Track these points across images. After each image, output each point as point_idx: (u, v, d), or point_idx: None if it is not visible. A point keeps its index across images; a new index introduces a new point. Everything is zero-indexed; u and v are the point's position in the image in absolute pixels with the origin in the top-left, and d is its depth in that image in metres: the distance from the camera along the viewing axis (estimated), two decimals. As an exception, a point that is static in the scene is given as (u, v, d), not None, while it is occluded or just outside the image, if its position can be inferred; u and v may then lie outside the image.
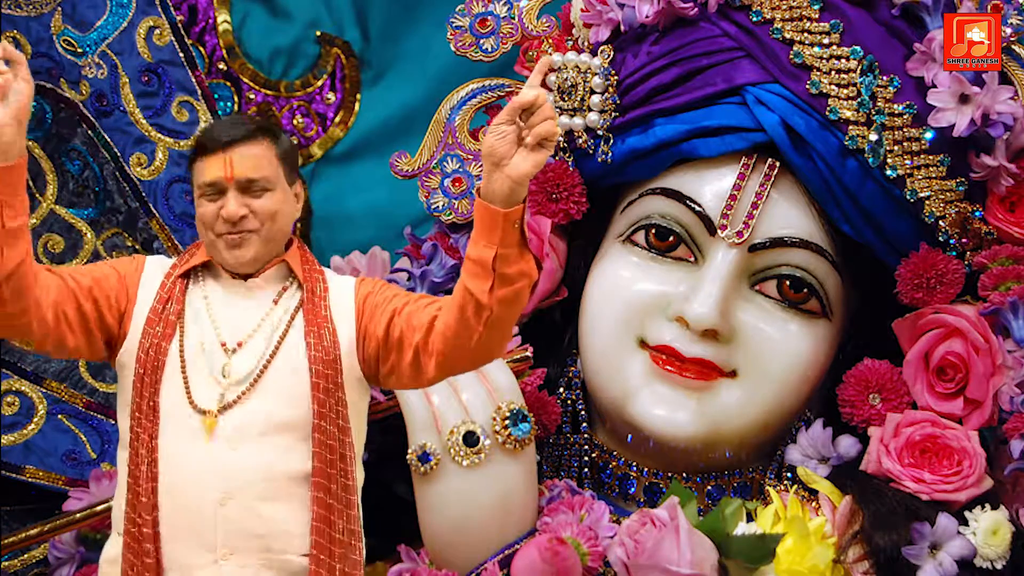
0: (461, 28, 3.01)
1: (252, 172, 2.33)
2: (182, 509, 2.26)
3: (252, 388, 2.29)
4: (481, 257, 2.13)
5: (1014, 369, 2.72)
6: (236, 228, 2.32)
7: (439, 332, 2.23)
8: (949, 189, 2.78)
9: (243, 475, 2.26)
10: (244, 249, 2.33)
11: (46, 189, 3.20)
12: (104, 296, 2.32)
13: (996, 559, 2.68)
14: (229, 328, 2.34)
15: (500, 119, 2.10)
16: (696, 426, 2.80)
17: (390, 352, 2.32)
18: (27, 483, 3.11)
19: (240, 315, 2.35)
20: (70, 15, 3.15)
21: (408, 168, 3.00)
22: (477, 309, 2.16)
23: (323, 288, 2.38)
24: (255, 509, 2.26)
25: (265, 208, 2.33)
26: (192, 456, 2.27)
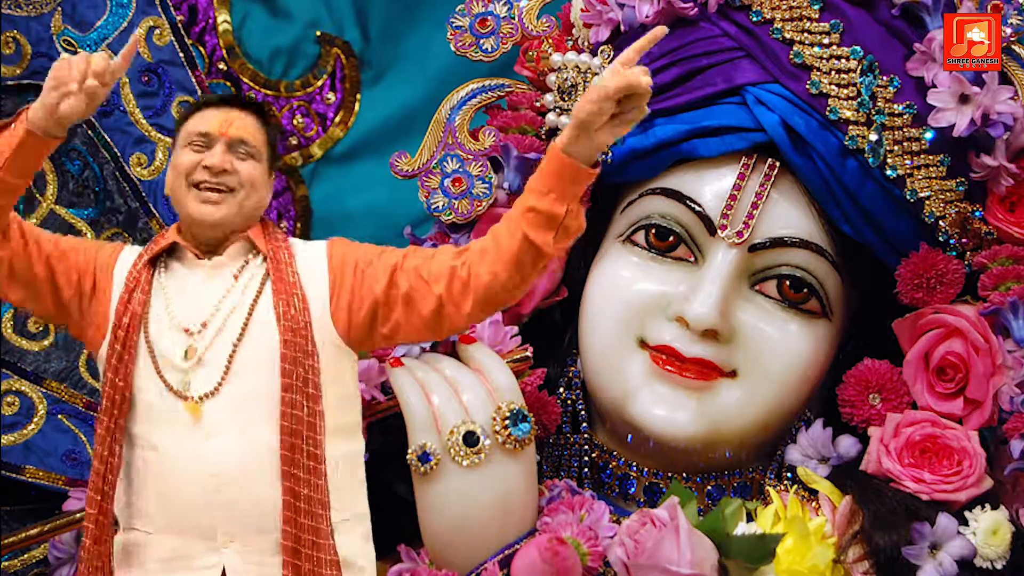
0: (461, 28, 3.01)
1: (246, 135, 2.34)
2: (176, 500, 2.25)
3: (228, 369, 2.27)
4: (552, 211, 2.17)
5: (1014, 369, 2.72)
6: (215, 180, 2.31)
7: (482, 280, 2.24)
8: (949, 189, 2.78)
9: (232, 458, 2.24)
10: (216, 207, 2.31)
11: (46, 189, 3.20)
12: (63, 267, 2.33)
13: (996, 559, 2.68)
14: (190, 311, 2.31)
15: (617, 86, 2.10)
16: (696, 426, 2.80)
17: (392, 309, 2.31)
18: (27, 483, 3.11)
19: (201, 296, 2.33)
20: (70, 15, 3.15)
21: (408, 168, 3.00)
22: (537, 259, 2.21)
23: (288, 255, 2.35)
24: (246, 491, 2.25)
25: (248, 172, 2.33)
26: (179, 445, 2.25)
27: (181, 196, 2.34)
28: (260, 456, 2.25)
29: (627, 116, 2.12)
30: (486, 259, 2.24)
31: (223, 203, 2.31)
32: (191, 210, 2.32)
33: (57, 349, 3.16)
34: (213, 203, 2.31)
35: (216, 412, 2.26)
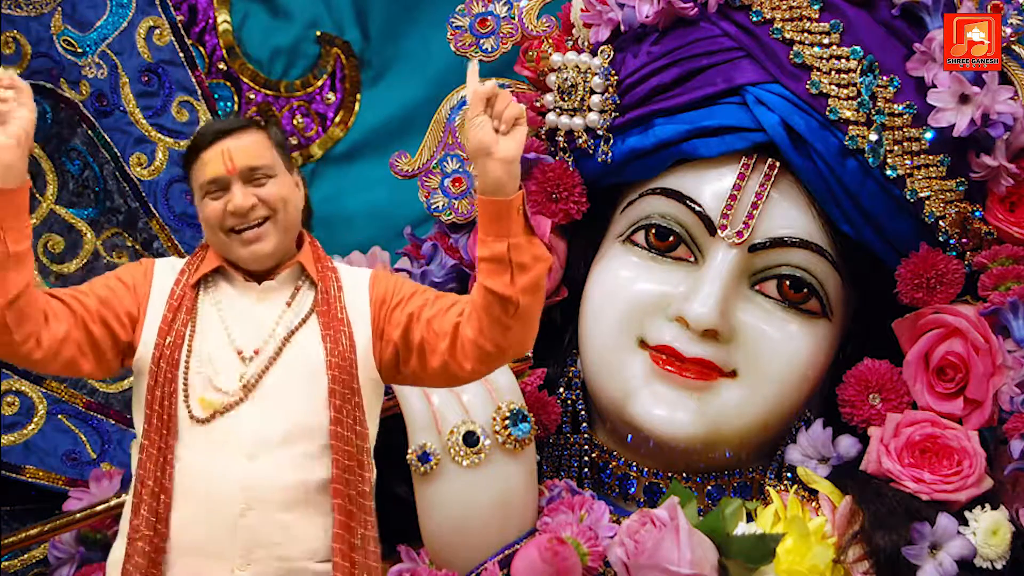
0: (461, 28, 3.01)
1: (253, 160, 2.29)
2: (198, 521, 2.23)
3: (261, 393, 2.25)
4: (494, 253, 2.14)
5: (1014, 369, 2.72)
6: (248, 220, 2.27)
7: (470, 340, 2.21)
8: (949, 189, 2.78)
9: (262, 484, 2.22)
10: (263, 242, 2.28)
11: (46, 189, 3.20)
12: (114, 315, 2.27)
13: (996, 559, 2.68)
14: (244, 335, 2.28)
15: (472, 114, 2.14)
16: (696, 426, 2.80)
17: (410, 356, 2.29)
18: (27, 483, 3.11)
19: (254, 321, 2.30)
20: (70, 15, 3.15)
21: (408, 168, 3.00)
22: (503, 305, 2.16)
23: (337, 287, 2.34)
24: (274, 518, 2.23)
25: (273, 194, 2.29)
26: (209, 467, 2.23)
27: (223, 246, 2.30)
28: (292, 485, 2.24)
29: (508, 115, 2.12)
30: (471, 319, 2.21)
31: (266, 236, 2.29)
32: (241, 256, 2.29)
33: (57, 349, 3.16)
34: (258, 240, 2.28)
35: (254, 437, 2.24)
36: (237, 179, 2.28)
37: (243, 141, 2.30)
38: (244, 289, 2.33)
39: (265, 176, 2.30)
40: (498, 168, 2.11)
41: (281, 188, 2.31)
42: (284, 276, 2.33)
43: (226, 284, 2.34)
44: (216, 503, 2.22)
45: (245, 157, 2.29)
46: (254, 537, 2.22)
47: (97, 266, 3.20)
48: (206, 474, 2.23)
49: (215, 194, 2.29)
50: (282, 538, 2.23)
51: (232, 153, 2.28)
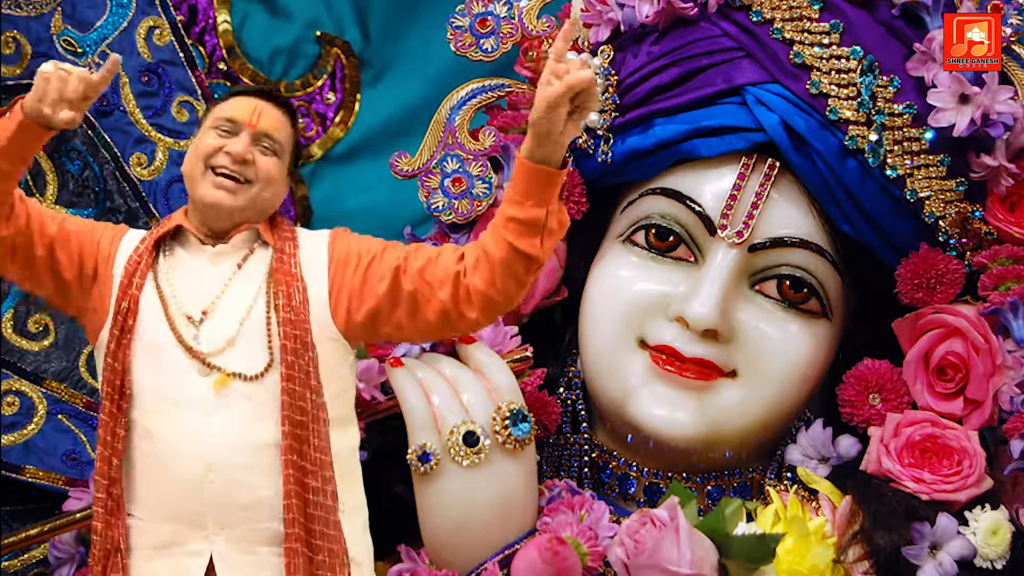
0: (461, 28, 3.01)
1: (272, 129, 2.34)
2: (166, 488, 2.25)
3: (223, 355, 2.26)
4: (532, 217, 2.18)
5: (1014, 369, 2.72)
6: (234, 168, 2.30)
7: (478, 289, 2.23)
8: (949, 189, 2.78)
9: (221, 446, 2.24)
10: (230, 195, 2.30)
11: (46, 189, 3.20)
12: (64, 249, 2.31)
13: (996, 559, 2.68)
14: (193, 298, 2.30)
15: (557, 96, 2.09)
16: (696, 426, 2.80)
17: (395, 310, 2.30)
18: (27, 483, 3.11)
19: (204, 283, 2.31)
20: (70, 15, 3.15)
21: (408, 168, 3.00)
22: (529, 265, 2.21)
23: (293, 246, 2.35)
24: (239, 480, 2.24)
25: (267, 167, 2.33)
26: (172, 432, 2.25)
27: (196, 177, 2.33)
28: (256, 447, 2.25)
29: (583, 109, 2.13)
30: (480, 268, 2.24)
31: (237, 193, 2.31)
32: (204, 193, 2.31)
33: (57, 349, 3.16)
34: (227, 190, 2.30)
35: (210, 402, 2.25)
36: (250, 133, 2.33)
37: (278, 113, 2.38)
38: (197, 252, 2.34)
39: (271, 150, 2.34)
40: (556, 149, 2.14)
41: (274, 169, 2.35)
42: (238, 239, 2.34)
43: (180, 249, 2.36)
44: (179, 469, 2.24)
45: (269, 122, 2.35)
46: (221, 500, 2.23)
47: (97, 266, 3.21)
48: (166, 439, 2.25)
49: (223, 132, 2.33)
50: (248, 500, 2.24)
51: (263, 113, 2.35)
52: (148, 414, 2.27)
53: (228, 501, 2.24)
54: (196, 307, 2.30)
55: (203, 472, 2.23)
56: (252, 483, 2.24)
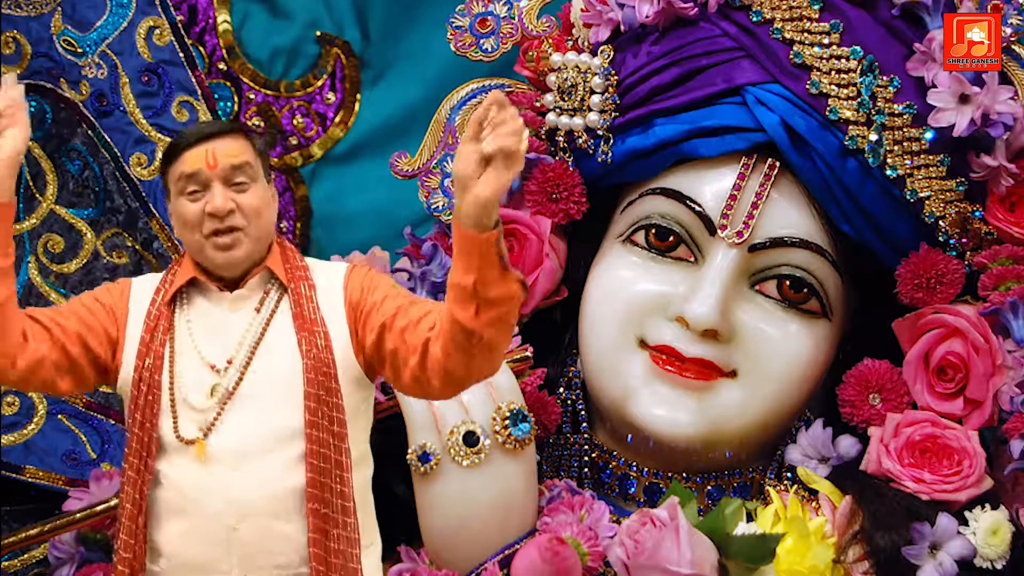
0: (461, 28, 3.01)
1: (235, 159, 2.26)
2: (192, 538, 2.22)
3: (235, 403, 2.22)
4: (461, 283, 2.04)
5: (1014, 369, 2.72)
6: (224, 224, 2.24)
7: (436, 359, 2.14)
8: (949, 189, 2.78)
9: (249, 495, 2.21)
10: (236, 249, 2.25)
11: (46, 189, 3.20)
12: (93, 335, 2.27)
13: (996, 559, 2.68)
14: (215, 348, 2.26)
15: (465, 138, 1.99)
16: (696, 426, 2.80)
17: (384, 363, 2.25)
18: (27, 483, 3.11)
19: (225, 331, 2.27)
20: (70, 15, 3.15)
21: (408, 168, 3.00)
22: (467, 336, 2.07)
23: (309, 286, 2.30)
24: (268, 527, 2.21)
25: (251, 204, 2.26)
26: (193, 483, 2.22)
27: (195, 247, 2.27)
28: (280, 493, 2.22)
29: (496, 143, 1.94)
30: (440, 337, 2.13)
31: (238, 244, 2.25)
32: (212, 259, 2.26)
33: (57, 349, 3.16)
34: (230, 247, 2.25)
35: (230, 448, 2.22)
36: (218, 179, 2.25)
37: (229, 142, 2.28)
38: (216, 300, 2.30)
39: (246, 181, 2.27)
40: (471, 206, 1.98)
41: (259, 199, 2.28)
42: (253, 283, 2.30)
43: (199, 297, 2.31)
44: (207, 519, 2.21)
45: (228, 156, 2.26)
46: (251, 549, 2.21)
47: (97, 266, 3.21)
48: (193, 491, 2.22)
49: (193, 194, 2.25)
50: (280, 547, 2.22)
51: (216, 151, 2.25)
52: (171, 464, 2.24)
53: (258, 549, 2.21)
54: (220, 357, 2.25)
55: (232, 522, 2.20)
56: (277, 529, 2.22)
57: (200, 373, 2.25)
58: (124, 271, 3.21)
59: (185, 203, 2.26)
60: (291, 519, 2.22)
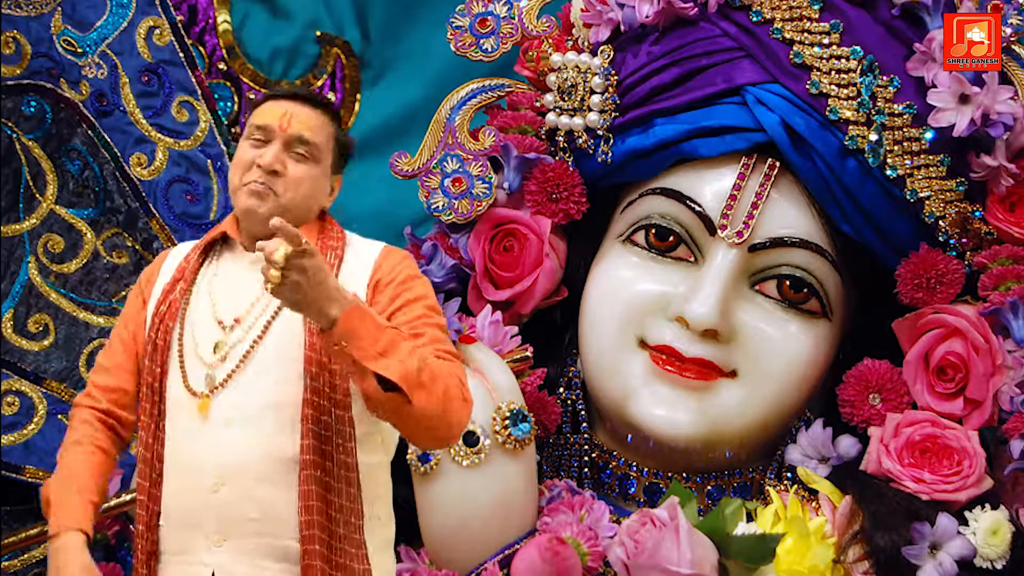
0: (461, 28, 3.01)
1: (306, 132, 2.25)
2: (181, 494, 2.21)
3: (243, 365, 2.19)
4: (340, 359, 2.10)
5: (1014, 369, 2.72)
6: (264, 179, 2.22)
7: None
8: (949, 189, 2.78)
9: (237, 457, 2.17)
10: (261, 202, 2.22)
11: (46, 189, 3.20)
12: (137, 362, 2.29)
13: (996, 559, 2.68)
14: (227, 304, 2.24)
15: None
16: (696, 426, 2.80)
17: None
18: (27, 483, 3.10)
19: (240, 289, 2.24)
20: (70, 15, 3.15)
21: (408, 168, 3.00)
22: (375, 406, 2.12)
23: (336, 256, 2.27)
24: (250, 492, 2.18)
25: (296, 175, 2.24)
26: (188, 440, 2.20)
27: (235, 190, 2.26)
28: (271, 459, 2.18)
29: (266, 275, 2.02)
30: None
31: (267, 199, 2.22)
32: (239, 203, 2.25)
33: (57, 349, 3.16)
34: (258, 197, 2.22)
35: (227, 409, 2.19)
36: (281, 140, 2.24)
37: (310, 114, 2.28)
38: (240, 256, 2.28)
39: (306, 155, 2.26)
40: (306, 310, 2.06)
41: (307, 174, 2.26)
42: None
43: (228, 253, 2.30)
44: (193, 476, 2.19)
45: (302, 126, 2.26)
46: (228, 512, 2.18)
47: (97, 266, 3.20)
48: (185, 446, 2.21)
49: (255, 142, 2.25)
50: (259, 514, 2.17)
51: (292, 116, 2.26)
52: (171, 421, 2.23)
53: (236, 514, 2.18)
54: (229, 314, 2.23)
55: (213, 482, 2.18)
56: (267, 497, 2.18)
57: (209, 328, 2.23)
58: (124, 271, 3.21)
59: (245, 147, 2.26)
60: (279, 486, 2.18)
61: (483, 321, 2.87)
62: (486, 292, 2.95)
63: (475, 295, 2.98)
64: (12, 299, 3.15)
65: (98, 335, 3.17)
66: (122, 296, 3.19)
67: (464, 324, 2.87)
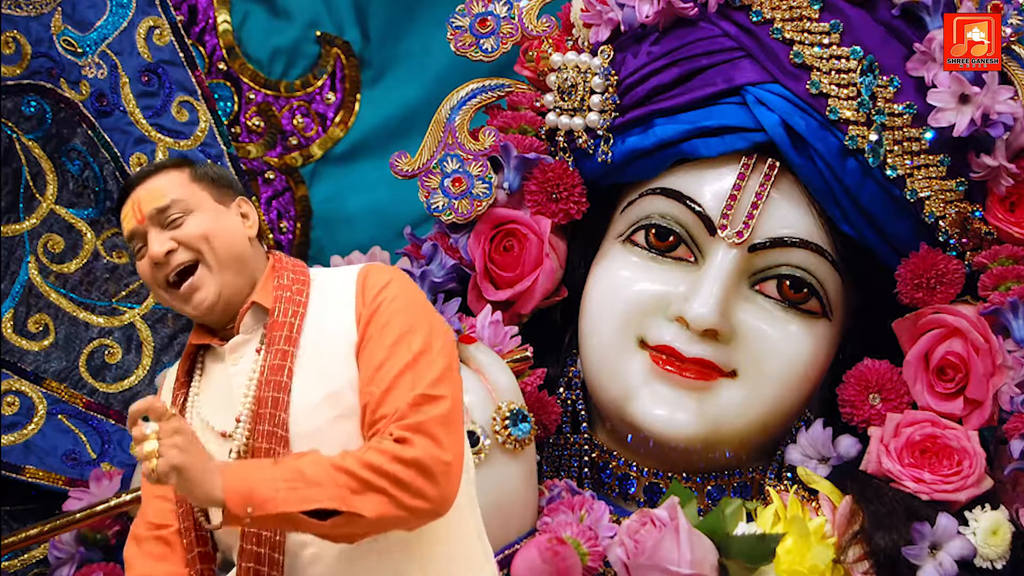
0: (461, 28, 3.00)
1: (158, 202, 2.09)
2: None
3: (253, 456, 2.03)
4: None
5: (1014, 369, 2.72)
6: (171, 266, 2.07)
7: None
8: (949, 189, 2.78)
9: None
10: (202, 291, 2.07)
11: (46, 189, 3.20)
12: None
13: (996, 559, 2.68)
14: (222, 411, 2.08)
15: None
16: (696, 426, 2.80)
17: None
18: (27, 483, 3.11)
19: (229, 389, 2.09)
20: (70, 15, 3.15)
21: (408, 168, 3.00)
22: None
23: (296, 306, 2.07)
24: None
25: (190, 233, 2.07)
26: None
27: (168, 303, 2.12)
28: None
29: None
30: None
31: (202, 282, 2.07)
32: (188, 312, 2.10)
33: (57, 349, 3.16)
34: (194, 291, 2.07)
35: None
36: (151, 226, 2.09)
37: (151, 185, 2.12)
38: (219, 357, 2.12)
39: (180, 213, 2.10)
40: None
41: (201, 224, 2.10)
42: (248, 323, 2.11)
43: (210, 362, 2.14)
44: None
45: (150, 201, 2.10)
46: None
47: (97, 266, 3.21)
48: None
49: (140, 253, 2.11)
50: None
51: (140, 201, 2.11)
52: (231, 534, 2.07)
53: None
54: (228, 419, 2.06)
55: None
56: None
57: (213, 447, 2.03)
58: (124, 271, 3.21)
59: (139, 263, 2.12)
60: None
61: (483, 321, 2.87)
62: (486, 292, 2.95)
63: (475, 295, 2.98)
64: (12, 299, 3.15)
65: (98, 335, 3.17)
66: (122, 296, 3.20)
67: (464, 324, 2.87)
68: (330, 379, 2.05)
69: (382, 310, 2.06)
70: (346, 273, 2.14)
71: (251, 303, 2.11)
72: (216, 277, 2.09)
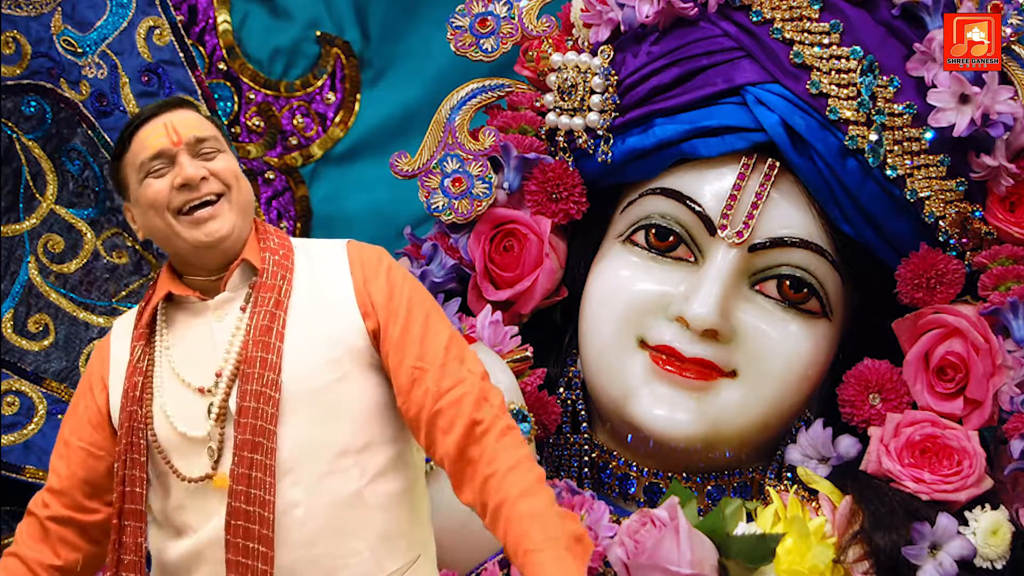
0: (461, 28, 3.00)
1: (199, 131, 2.05)
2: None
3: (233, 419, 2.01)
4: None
5: (1014, 369, 2.72)
6: (199, 195, 2.02)
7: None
8: (949, 189, 2.78)
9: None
10: (218, 221, 2.02)
11: (46, 189, 3.20)
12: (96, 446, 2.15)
13: (996, 559, 2.68)
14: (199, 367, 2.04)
15: None
16: (696, 426, 2.80)
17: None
18: (27, 483, 3.11)
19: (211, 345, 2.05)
20: (70, 15, 3.15)
21: (408, 168, 3.00)
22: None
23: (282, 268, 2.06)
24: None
25: (227, 167, 2.05)
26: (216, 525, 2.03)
27: (166, 231, 2.04)
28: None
29: None
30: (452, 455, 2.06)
31: (221, 214, 2.04)
32: (189, 240, 2.03)
33: (57, 349, 3.16)
34: (212, 219, 2.03)
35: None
36: (184, 151, 2.04)
37: (186, 114, 2.09)
38: (198, 311, 2.08)
39: (214, 150, 2.07)
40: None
41: (231, 164, 2.08)
42: (235, 280, 2.08)
43: (179, 313, 2.10)
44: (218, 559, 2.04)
45: (190, 128, 2.06)
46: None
47: (97, 266, 3.21)
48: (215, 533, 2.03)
49: (158, 171, 2.04)
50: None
51: (176, 125, 2.05)
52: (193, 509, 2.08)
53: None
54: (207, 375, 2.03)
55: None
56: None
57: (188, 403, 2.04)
58: (124, 271, 3.21)
59: (151, 183, 2.04)
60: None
61: (483, 321, 2.87)
62: (486, 292, 2.95)
63: (475, 295, 2.98)
64: (12, 299, 3.15)
65: (98, 335, 3.17)
66: (122, 296, 3.20)
67: (464, 324, 2.87)
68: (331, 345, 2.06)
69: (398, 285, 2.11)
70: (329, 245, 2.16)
71: (242, 259, 2.08)
72: (234, 215, 2.06)
